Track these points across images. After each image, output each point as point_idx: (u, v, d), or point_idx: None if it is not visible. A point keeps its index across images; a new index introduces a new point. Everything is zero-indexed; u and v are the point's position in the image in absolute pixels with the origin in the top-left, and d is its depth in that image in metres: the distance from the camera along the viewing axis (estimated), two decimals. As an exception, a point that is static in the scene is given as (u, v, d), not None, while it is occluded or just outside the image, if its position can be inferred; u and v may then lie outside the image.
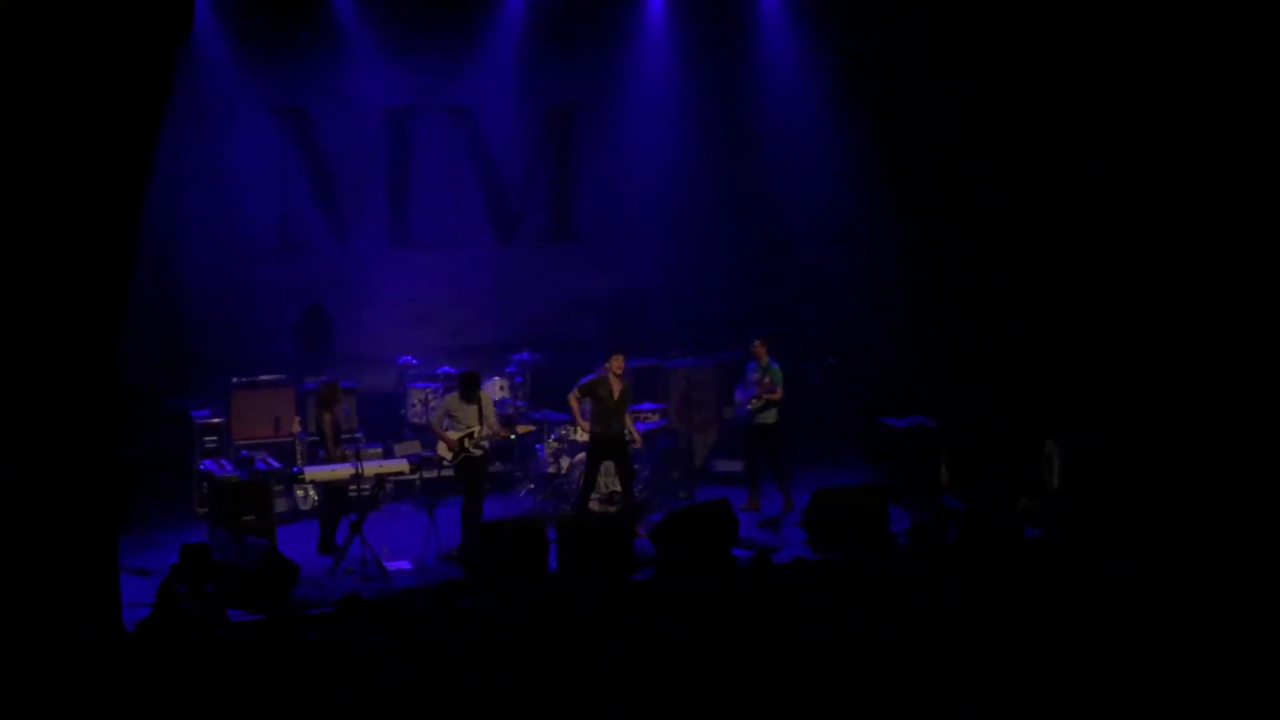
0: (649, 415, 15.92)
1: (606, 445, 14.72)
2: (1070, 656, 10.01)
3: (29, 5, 10.08)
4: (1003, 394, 16.14)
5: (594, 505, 14.96)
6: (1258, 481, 13.53)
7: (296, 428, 14.94)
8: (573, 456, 15.70)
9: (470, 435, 14.24)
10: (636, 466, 15.15)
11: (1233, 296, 14.11)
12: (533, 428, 15.74)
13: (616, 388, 14.64)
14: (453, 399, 14.47)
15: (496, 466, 16.49)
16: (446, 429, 14.32)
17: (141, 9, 10.43)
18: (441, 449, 14.45)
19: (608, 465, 14.85)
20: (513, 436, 15.46)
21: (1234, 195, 14.14)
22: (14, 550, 10.45)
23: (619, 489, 15.05)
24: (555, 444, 15.92)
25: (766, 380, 15.48)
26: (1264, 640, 10.07)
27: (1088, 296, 15.30)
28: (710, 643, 9.97)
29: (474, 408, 14.30)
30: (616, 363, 14.63)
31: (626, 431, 14.77)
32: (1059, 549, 13.43)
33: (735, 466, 16.73)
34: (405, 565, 13.88)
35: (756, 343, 15.67)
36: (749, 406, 15.55)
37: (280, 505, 14.88)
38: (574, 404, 14.85)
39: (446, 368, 16.73)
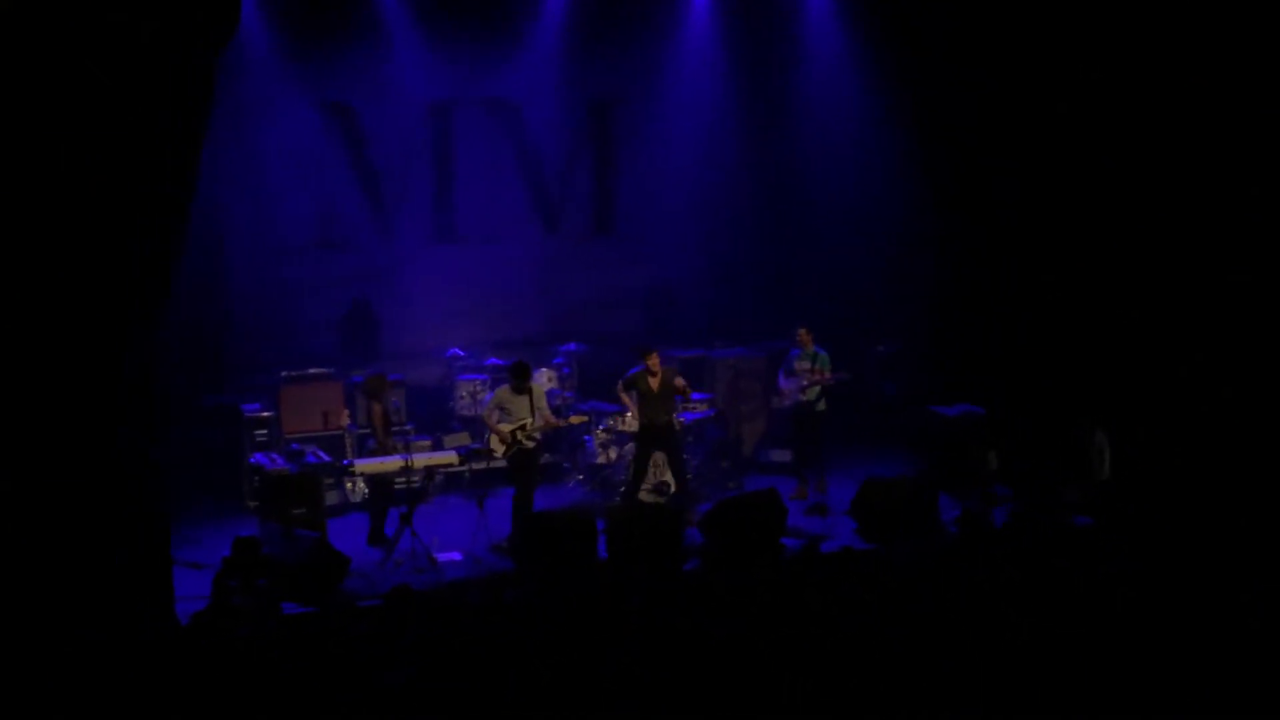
0: (696, 405, 15.91)
1: (653, 435, 14.75)
2: (1115, 647, 9.97)
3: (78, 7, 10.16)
4: (1052, 383, 16.03)
5: (644, 495, 14.97)
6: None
7: (345, 421, 14.99)
8: (621, 447, 15.72)
9: (523, 427, 14.24)
10: (685, 456, 15.15)
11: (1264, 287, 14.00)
12: (585, 418, 15.75)
13: (655, 381, 14.66)
14: (504, 391, 14.48)
15: (545, 458, 16.52)
16: (498, 422, 14.34)
17: (188, 13, 10.50)
18: (494, 442, 14.43)
19: (658, 456, 14.88)
20: (563, 426, 15.47)
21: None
22: (68, 547, 10.54)
23: (667, 479, 15.06)
24: (604, 435, 15.94)
25: (816, 367, 15.46)
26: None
27: (1134, 288, 15.18)
28: (750, 634, 9.97)
29: (525, 399, 14.30)
30: (652, 360, 14.69)
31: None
32: (1107, 538, 13.33)
33: (784, 456, 16.72)
34: (456, 557, 13.91)
35: (801, 330, 15.66)
36: (801, 395, 15.52)
37: (330, 498, 14.95)
38: (623, 396, 14.89)
39: (494, 359, 16.78)
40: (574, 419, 15.44)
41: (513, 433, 14.21)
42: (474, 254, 18.74)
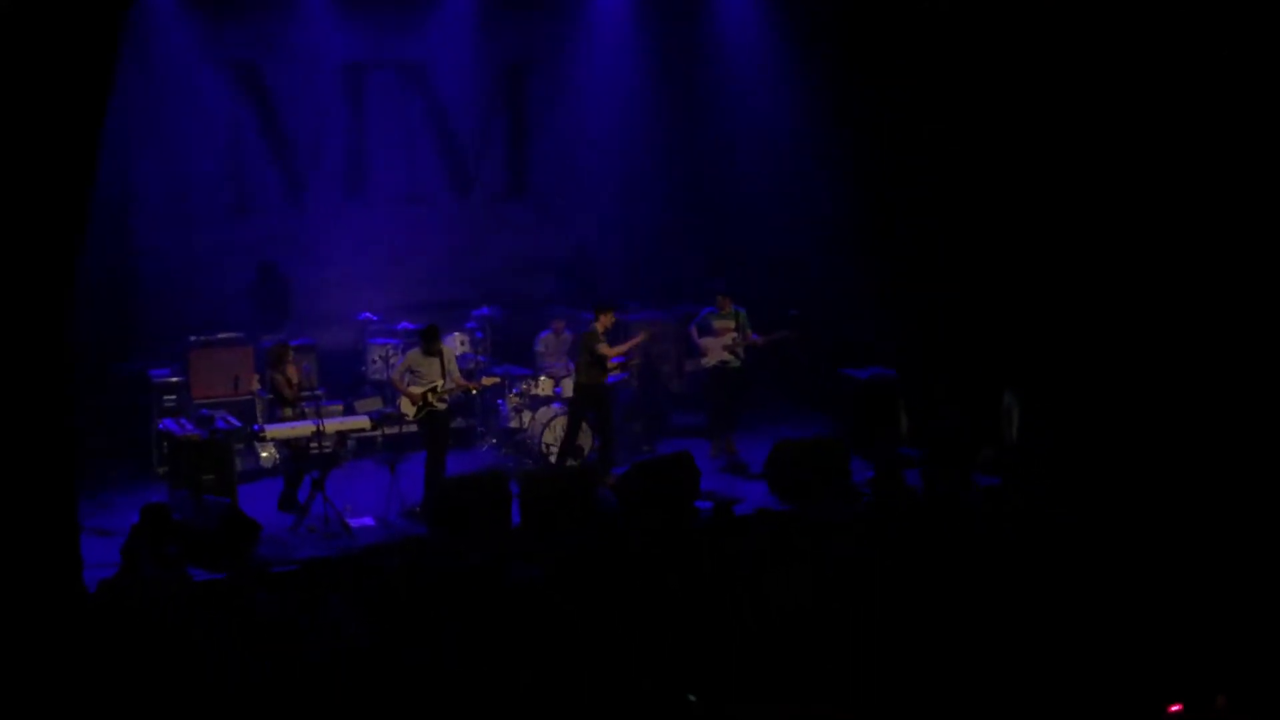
0: (613, 368, 15.93)
1: (594, 396, 14.84)
2: (1022, 607, 10.14)
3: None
4: (962, 345, 16.19)
5: (554, 459, 15.01)
6: (1215, 438, 13.64)
7: (256, 386, 14.87)
8: (535, 411, 15.71)
9: (434, 389, 14.23)
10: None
11: (1187, 252, 14.18)
12: (497, 379, 15.75)
13: (605, 340, 14.88)
14: (414, 354, 14.47)
15: (458, 422, 16.51)
16: (409, 384, 14.31)
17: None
18: (405, 405, 14.43)
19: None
20: (475, 390, 15.45)
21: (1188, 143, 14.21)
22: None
23: (580, 444, 15.10)
24: (517, 399, 15.94)
25: (738, 326, 15.54)
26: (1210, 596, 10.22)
27: (1044, 249, 15.34)
28: (663, 595, 10.04)
29: (436, 361, 14.30)
30: (607, 319, 14.87)
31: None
32: (1014, 499, 13.51)
33: (697, 419, 16.80)
34: (369, 522, 13.87)
35: (720, 296, 15.77)
36: (726, 356, 15.60)
37: (241, 464, 14.82)
38: (601, 349, 14.87)
39: (406, 324, 16.67)
40: (486, 381, 15.45)
41: (423, 395, 14.20)
42: (387, 217, 18.57)
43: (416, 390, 14.23)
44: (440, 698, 8.90)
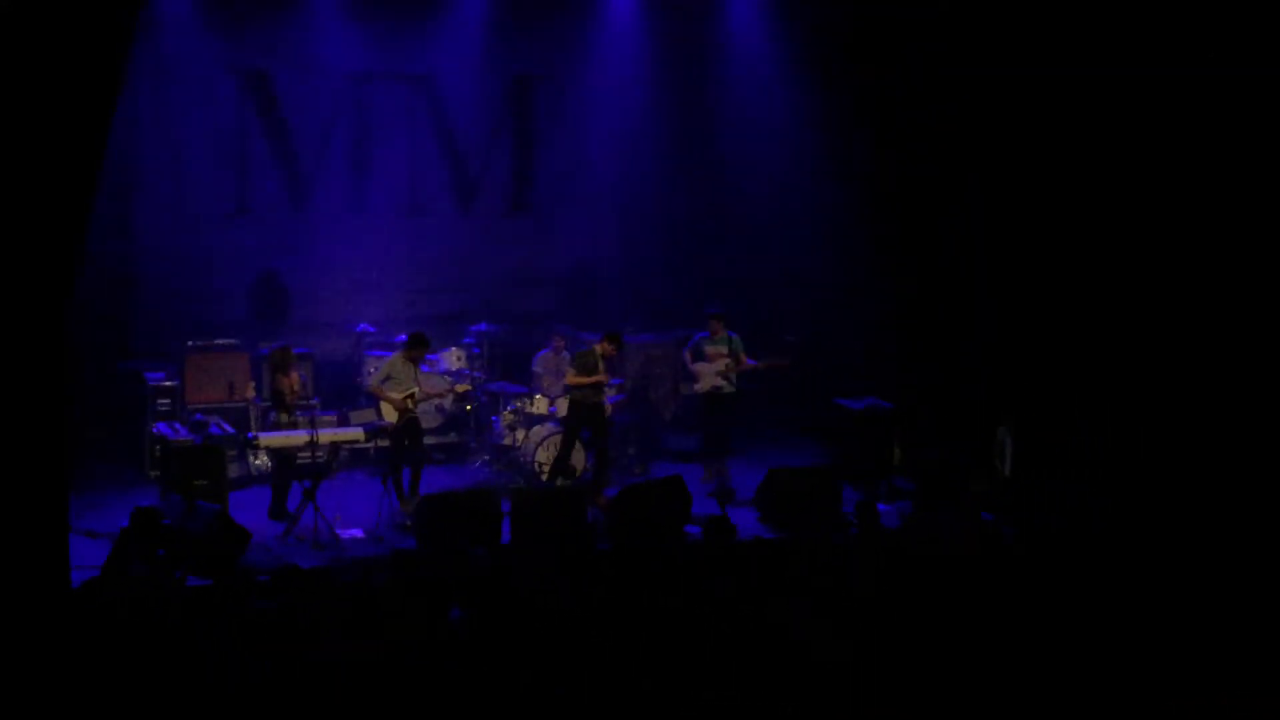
0: (608, 390, 15.93)
1: (587, 415, 14.86)
2: (1013, 638, 10.13)
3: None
4: (958, 377, 16.21)
5: (545, 477, 15.02)
6: (1214, 469, 13.66)
7: (251, 393, 14.87)
8: (528, 428, 15.71)
9: (412, 395, 14.37)
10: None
11: (1185, 280, 14.19)
12: (469, 386, 15.78)
13: (602, 363, 14.93)
14: (396, 359, 14.64)
15: (451, 437, 16.55)
16: (389, 390, 14.43)
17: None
18: (387, 411, 14.52)
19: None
20: (445, 396, 15.53)
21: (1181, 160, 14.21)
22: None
23: (575, 463, 15.11)
24: (511, 416, 15.93)
25: (730, 351, 15.56)
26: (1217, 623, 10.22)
27: (1046, 281, 15.35)
28: (651, 617, 10.02)
29: (412, 368, 14.45)
30: (609, 348, 15.06)
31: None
32: (1008, 533, 13.52)
33: (691, 443, 16.80)
34: (358, 533, 13.86)
35: (714, 321, 15.77)
36: (720, 381, 15.60)
37: (232, 470, 14.81)
38: (576, 379, 15.00)
39: (403, 336, 16.67)
40: (459, 388, 15.52)
41: (405, 399, 14.33)
42: (388, 228, 18.58)
43: (398, 395, 14.31)
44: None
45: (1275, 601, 10.64)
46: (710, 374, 15.74)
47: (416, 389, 14.49)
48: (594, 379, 14.90)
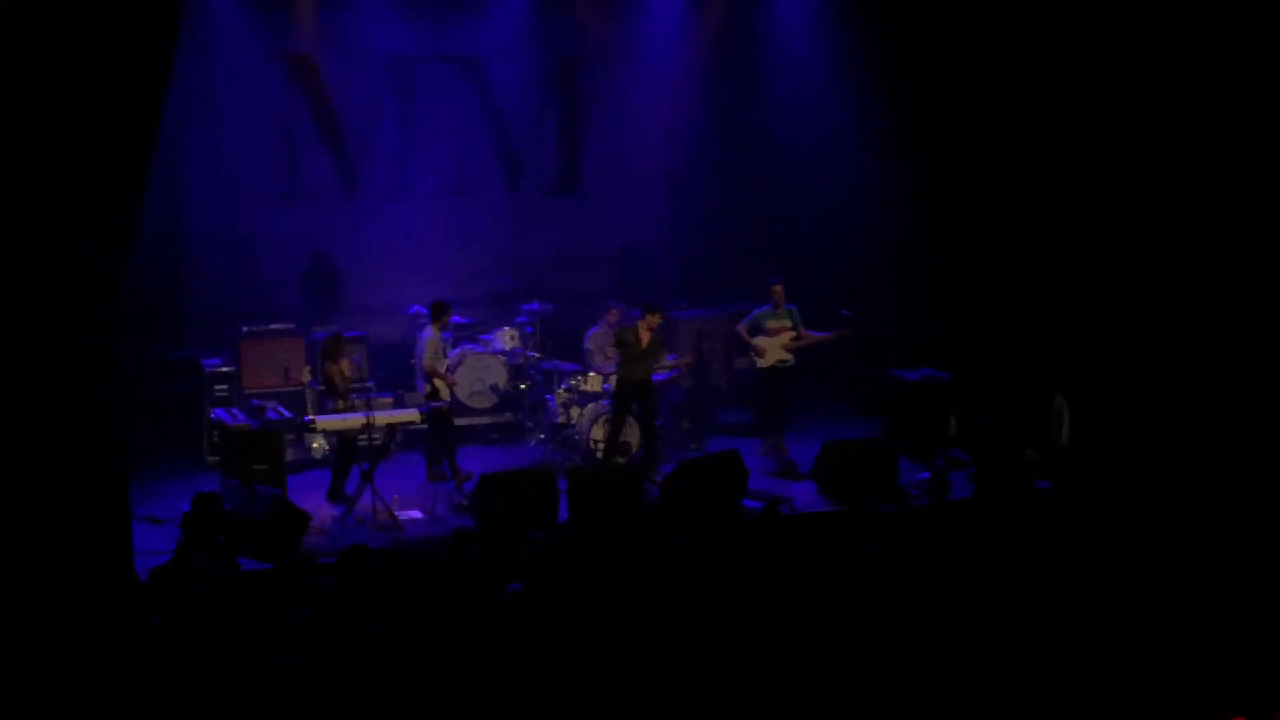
0: (662, 366, 15.90)
1: (633, 392, 14.81)
2: (1073, 613, 10.07)
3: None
4: (1014, 346, 16.10)
5: (600, 456, 15.02)
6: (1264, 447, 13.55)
7: (306, 377, 14.94)
8: (583, 406, 15.71)
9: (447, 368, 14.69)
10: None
11: (1249, 255, 14.07)
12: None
13: (645, 338, 14.83)
14: (435, 334, 14.71)
15: (506, 416, 16.60)
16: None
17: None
18: (442, 388, 14.64)
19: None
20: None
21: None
22: (24, 500, 10.48)
23: (629, 440, 15.11)
24: (565, 394, 15.93)
25: (791, 325, 15.47)
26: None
27: (1098, 255, 15.23)
28: (711, 597, 10.01)
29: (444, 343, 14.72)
30: (652, 319, 14.93)
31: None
32: (1065, 503, 13.43)
33: (744, 417, 16.76)
34: (417, 515, 13.91)
35: (777, 286, 15.71)
36: (783, 354, 15.55)
37: (290, 454, 14.89)
38: (609, 350, 15.08)
39: (456, 317, 16.70)
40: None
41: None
42: (438, 210, 18.58)
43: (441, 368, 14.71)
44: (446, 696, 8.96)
45: None
46: (775, 347, 15.68)
47: (446, 360, 14.56)
48: (626, 353, 14.86)
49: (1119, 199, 14.85)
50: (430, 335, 14.96)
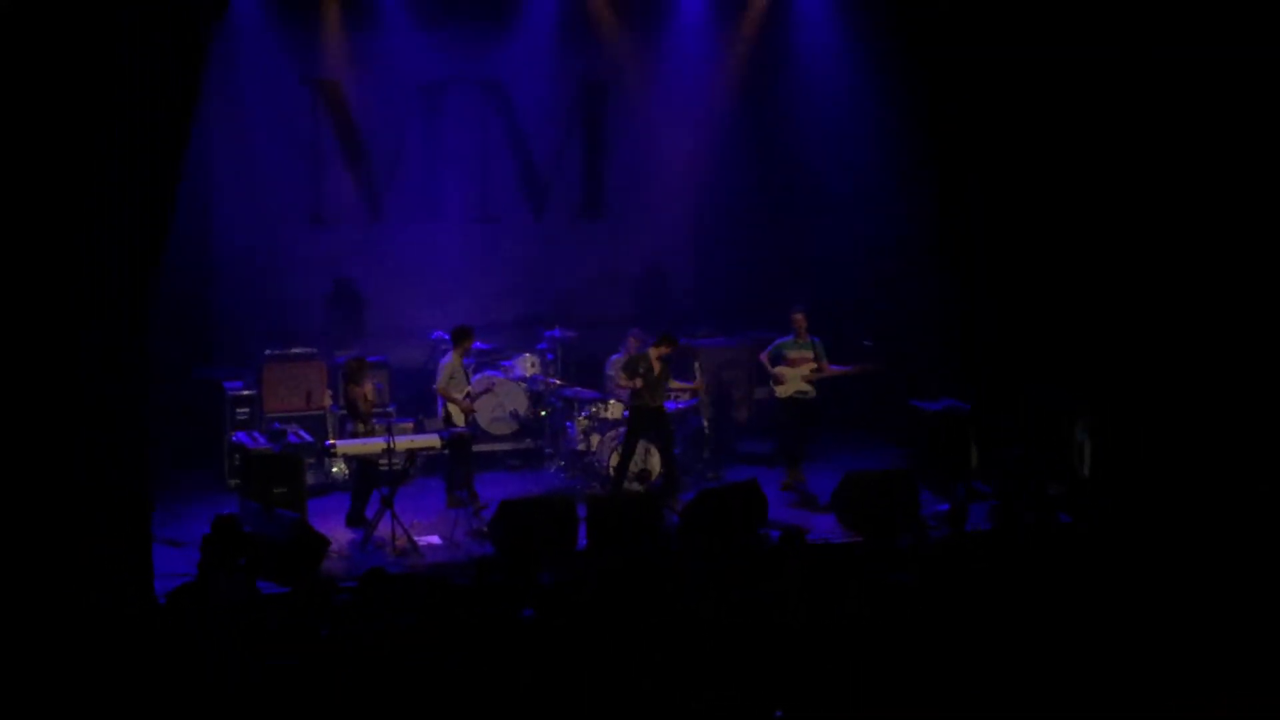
0: (679, 394, 15.89)
1: (647, 420, 14.80)
2: (1095, 645, 10.02)
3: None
4: (1036, 377, 16.03)
5: (626, 484, 15.00)
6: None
7: (328, 401, 14.98)
8: (603, 434, 15.71)
9: (469, 395, 14.58)
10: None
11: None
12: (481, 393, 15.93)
13: (658, 365, 14.82)
14: (455, 359, 14.72)
15: (526, 443, 16.60)
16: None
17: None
18: (455, 414, 14.65)
19: (645, 445, 14.95)
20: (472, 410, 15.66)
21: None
22: (45, 521, 10.51)
23: (649, 467, 15.10)
24: (585, 421, 15.92)
25: (815, 357, 15.45)
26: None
27: (1120, 284, 15.18)
28: (729, 623, 10.00)
29: (465, 369, 14.69)
30: (664, 349, 14.89)
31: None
32: (1089, 536, 13.36)
33: (765, 447, 16.73)
34: (436, 540, 13.91)
35: (798, 315, 15.66)
36: (803, 386, 15.52)
37: (310, 478, 14.92)
38: (622, 378, 14.94)
39: (478, 343, 16.73)
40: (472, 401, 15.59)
41: (464, 400, 14.65)
42: (462, 235, 18.62)
43: (459, 394, 14.66)
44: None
45: None
46: (794, 378, 15.65)
47: (470, 388, 14.60)
48: (635, 382, 14.79)
49: (1155, 218, 14.81)
50: (449, 360, 14.97)
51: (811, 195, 19.00)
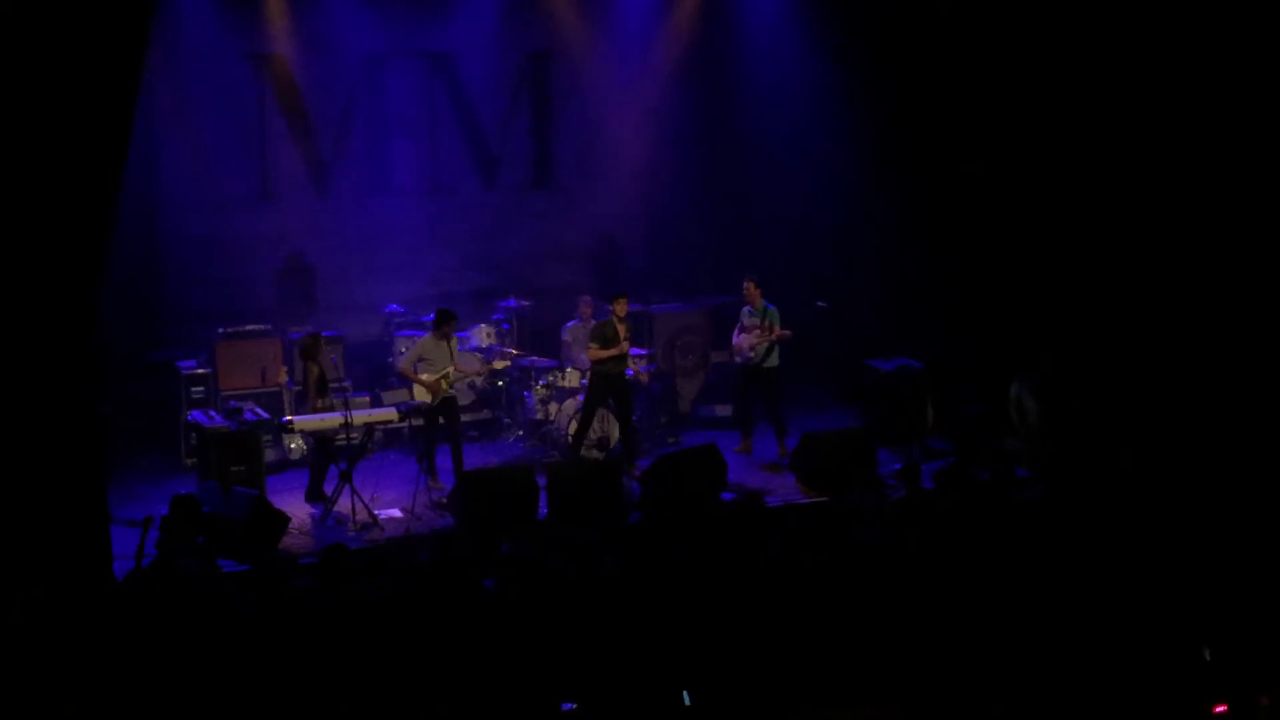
0: (636, 360, 15.90)
1: (608, 386, 14.79)
2: (1054, 598, 10.11)
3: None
4: (988, 335, 16.13)
5: (585, 451, 15.00)
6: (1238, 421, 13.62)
7: (283, 378, 14.90)
8: (561, 403, 15.71)
9: (446, 375, 14.38)
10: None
11: (1220, 245, 14.15)
12: (508, 362, 15.76)
13: (622, 329, 14.77)
14: (427, 340, 14.64)
15: (484, 414, 16.57)
16: (419, 372, 14.43)
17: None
18: (420, 393, 14.54)
19: (603, 412, 14.96)
20: (482, 375, 15.54)
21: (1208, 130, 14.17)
22: (3, 503, 10.45)
23: (608, 434, 15.11)
24: (543, 390, 15.92)
25: (766, 323, 15.44)
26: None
27: (1069, 242, 15.29)
28: (691, 589, 10.03)
29: (446, 347, 14.48)
30: (620, 306, 14.83)
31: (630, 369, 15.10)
32: (1044, 490, 13.45)
33: (723, 411, 16.77)
34: (396, 513, 13.89)
35: (748, 284, 15.63)
36: (750, 352, 15.50)
37: (268, 455, 14.86)
38: (601, 352, 14.85)
39: (432, 316, 16.68)
40: (496, 364, 15.50)
41: (438, 381, 14.34)
42: (412, 208, 18.54)
43: (430, 377, 14.33)
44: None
45: None
46: (744, 346, 15.67)
47: (452, 368, 14.52)
48: (614, 350, 14.81)
49: (1096, 185, 14.91)
50: (424, 340, 14.88)
51: (761, 160, 19.05)
